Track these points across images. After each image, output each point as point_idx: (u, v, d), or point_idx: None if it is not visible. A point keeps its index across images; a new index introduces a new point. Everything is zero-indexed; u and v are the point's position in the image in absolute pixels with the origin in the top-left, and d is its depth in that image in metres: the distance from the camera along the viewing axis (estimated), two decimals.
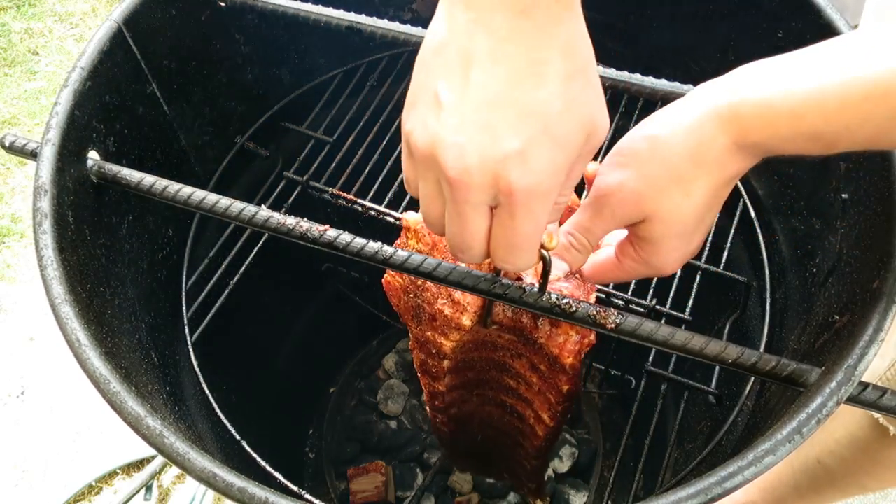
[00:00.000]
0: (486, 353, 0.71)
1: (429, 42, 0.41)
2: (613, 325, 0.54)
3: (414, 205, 0.92)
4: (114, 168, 0.69)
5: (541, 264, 0.48)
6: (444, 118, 0.39)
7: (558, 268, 0.55)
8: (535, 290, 0.54)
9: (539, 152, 0.39)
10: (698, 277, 0.86)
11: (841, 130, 0.42)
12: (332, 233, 0.58)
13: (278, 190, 0.98)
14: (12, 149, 0.72)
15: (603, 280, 0.57)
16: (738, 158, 0.46)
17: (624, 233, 0.52)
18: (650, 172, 0.47)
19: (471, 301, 0.63)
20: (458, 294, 0.62)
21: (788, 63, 0.44)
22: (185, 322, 0.88)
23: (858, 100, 0.41)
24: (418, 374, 0.77)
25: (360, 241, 0.58)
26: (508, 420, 0.84)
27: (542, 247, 0.46)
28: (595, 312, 0.54)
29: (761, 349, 0.83)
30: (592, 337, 0.63)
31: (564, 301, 0.54)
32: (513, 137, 0.38)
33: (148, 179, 0.66)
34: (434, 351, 0.70)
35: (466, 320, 0.64)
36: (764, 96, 0.44)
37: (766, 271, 0.89)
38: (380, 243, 0.57)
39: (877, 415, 0.88)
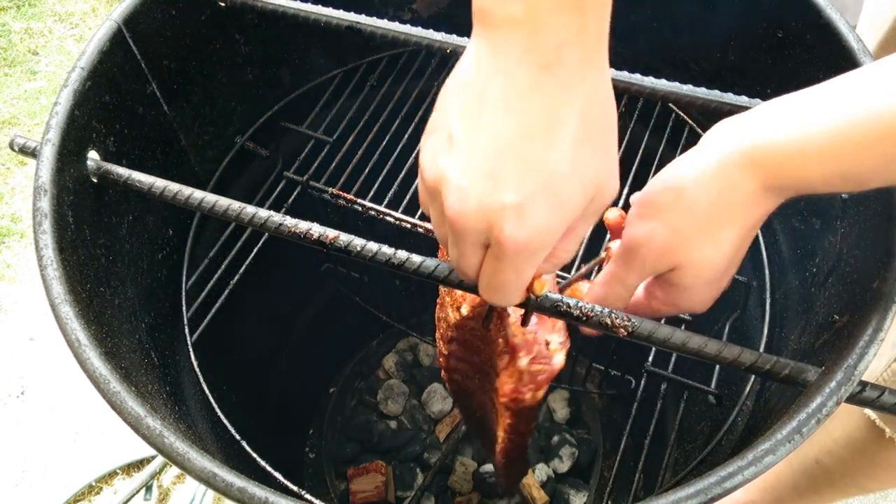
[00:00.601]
0: (484, 346, 0.73)
1: (456, 75, 0.41)
2: (627, 332, 0.53)
3: (413, 206, 0.93)
4: (114, 168, 0.69)
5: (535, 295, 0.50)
6: (453, 157, 0.40)
7: None
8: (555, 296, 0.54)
9: (537, 210, 0.39)
10: None
11: (874, 166, 0.41)
12: (344, 237, 0.58)
13: (278, 190, 0.98)
14: (23, 150, 0.72)
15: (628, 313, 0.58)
16: (765, 201, 0.46)
17: None
18: (677, 224, 0.47)
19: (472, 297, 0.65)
20: None
21: (809, 99, 0.43)
22: (185, 322, 0.88)
23: (891, 131, 0.40)
24: (436, 322, 0.81)
25: (373, 246, 0.57)
26: (491, 416, 0.85)
27: (532, 290, 0.48)
28: (609, 320, 0.53)
29: (761, 349, 0.83)
30: (529, 397, 0.65)
31: (577, 305, 0.53)
32: (513, 191, 0.39)
33: (158, 184, 0.66)
34: (443, 315, 0.74)
35: (465, 309, 0.66)
36: (789, 136, 0.43)
37: (766, 271, 0.89)
38: (393, 248, 0.57)
39: (874, 416, 0.88)
